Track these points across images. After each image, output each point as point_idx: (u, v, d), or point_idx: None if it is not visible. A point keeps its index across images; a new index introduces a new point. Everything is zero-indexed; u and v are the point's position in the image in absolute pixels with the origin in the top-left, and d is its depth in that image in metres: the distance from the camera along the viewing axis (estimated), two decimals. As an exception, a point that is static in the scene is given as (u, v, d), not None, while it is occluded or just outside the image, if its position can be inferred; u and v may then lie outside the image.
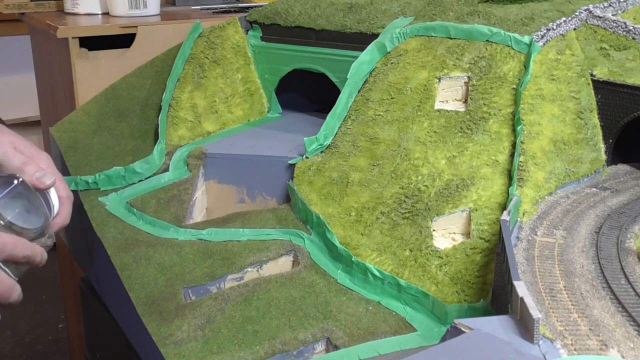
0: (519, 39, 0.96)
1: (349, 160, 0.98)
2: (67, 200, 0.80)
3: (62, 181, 0.80)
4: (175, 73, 1.21)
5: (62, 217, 0.79)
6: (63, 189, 0.80)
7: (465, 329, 0.60)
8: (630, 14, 1.12)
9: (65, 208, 0.79)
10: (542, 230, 0.77)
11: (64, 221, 0.79)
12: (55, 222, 0.78)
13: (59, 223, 0.79)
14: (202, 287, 0.85)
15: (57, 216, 0.78)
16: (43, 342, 2.31)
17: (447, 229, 0.85)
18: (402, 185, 0.90)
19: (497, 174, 0.87)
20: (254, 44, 1.28)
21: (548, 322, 0.60)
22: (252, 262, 0.89)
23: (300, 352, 0.74)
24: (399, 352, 0.73)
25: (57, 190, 0.78)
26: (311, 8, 1.24)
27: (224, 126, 1.22)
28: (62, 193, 0.79)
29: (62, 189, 0.79)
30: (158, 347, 0.75)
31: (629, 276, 0.67)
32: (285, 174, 1.04)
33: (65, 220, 0.79)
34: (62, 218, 0.79)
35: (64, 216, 0.79)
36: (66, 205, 0.79)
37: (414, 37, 1.06)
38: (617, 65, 0.96)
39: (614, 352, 0.57)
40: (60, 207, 0.79)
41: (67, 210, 0.79)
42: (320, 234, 0.91)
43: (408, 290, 0.79)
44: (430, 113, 0.96)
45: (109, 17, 1.52)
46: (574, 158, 0.90)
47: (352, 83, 1.05)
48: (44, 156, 0.80)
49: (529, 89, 0.92)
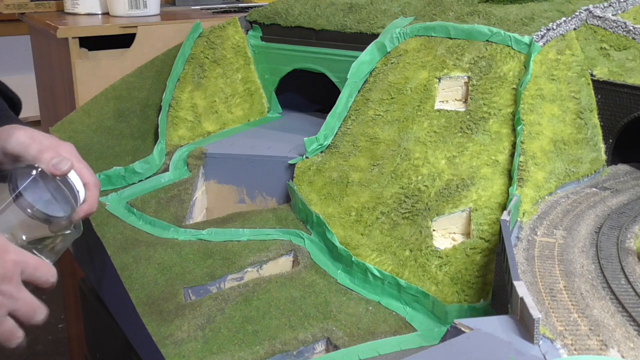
0: (519, 39, 0.96)
1: (349, 160, 0.98)
2: (94, 187, 0.78)
3: (87, 168, 0.78)
4: (175, 73, 1.21)
5: (89, 204, 0.77)
6: (88, 175, 0.78)
7: (465, 329, 0.60)
8: (630, 14, 1.12)
9: (92, 195, 0.78)
10: (542, 230, 0.77)
11: (91, 208, 0.78)
12: (82, 209, 0.77)
13: (85, 210, 0.77)
14: (202, 287, 0.85)
15: (83, 203, 0.77)
16: (43, 342, 2.31)
17: (447, 229, 0.85)
18: (402, 185, 0.90)
19: (497, 174, 0.87)
20: (254, 44, 1.28)
21: (548, 322, 0.60)
22: (252, 262, 0.89)
23: (300, 352, 0.74)
24: (399, 352, 0.73)
25: (82, 177, 0.76)
26: (311, 8, 1.24)
27: (224, 126, 1.22)
28: (87, 179, 0.77)
29: (87, 175, 0.77)
30: (158, 347, 0.75)
31: (629, 276, 0.67)
32: (285, 174, 1.04)
33: (92, 207, 0.78)
34: (88, 205, 0.77)
35: (90, 203, 0.77)
36: (93, 192, 0.78)
37: (414, 37, 1.06)
38: (617, 65, 0.96)
39: (614, 352, 0.57)
40: (87, 193, 0.77)
41: (93, 197, 0.78)
42: (320, 234, 0.91)
43: (408, 290, 0.79)
44: (430, 113, 0.96)
45: (109, 17, 1.52)
46: (574, 158, 0.90)
47: (352, 83, 1.05)
48: (67, 145, 0.78)
49: (529, 89, 0.92)
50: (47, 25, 1.37)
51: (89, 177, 0.78)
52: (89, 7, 1.55)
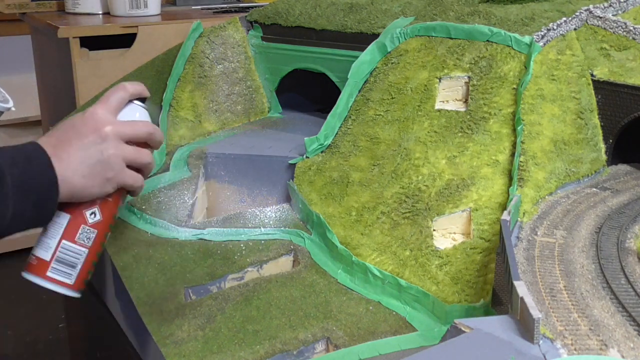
0: (520, 39, 0.96)
1: (349, 160, 0.98)
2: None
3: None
4: (176, 73, 1.21)
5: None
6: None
7: (465, 329, 0.60)
8: (630, 14, 1.12)
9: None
10: (542, 230, 0.77)
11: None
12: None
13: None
14: (202, 287, 0.85)
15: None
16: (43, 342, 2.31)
17: (447, 228, 0.85)
18: (403, 185, 0.90)
19: (497, 174, 0.87)
20: (255, 44, 1.28)
21: (548, 322, 0.60)
22: (252, 262, 0.89)
23: (300, 352, 0.74)
24: (399, 352, 0.73)
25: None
26: (312, 8, 1.24)
27: (225, 126, 1.22)
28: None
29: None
30: (158, 347, 0.75)
31: (629, 276, 0.67)
32: (286, 173, 1.04)
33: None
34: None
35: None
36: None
37: (414, 37, 1.06)
38: (617, 66, 0.96)
39: (614, 352, 0.57)
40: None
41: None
42: (320, 233, 0.91)
43: (408, 290, 0.79)
44: (431, 113, 0.96)
45: (109, 17, 1.52)
46: (574, 158, 0.90)
47: (352, 83, 1.05)
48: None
49: (529, 89, 0.92)
50: (47, 25, 1.37)
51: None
52: (89, 6, 1.55)
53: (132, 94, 0.82)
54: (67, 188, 0.73)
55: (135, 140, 0.80)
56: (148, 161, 0.82)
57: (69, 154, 0.73)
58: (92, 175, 0.75)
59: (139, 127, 0.81)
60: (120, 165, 0.78)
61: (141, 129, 0.81)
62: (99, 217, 0.78)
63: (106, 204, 0.79)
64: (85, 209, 0.78)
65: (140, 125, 0.81)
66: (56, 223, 0.77)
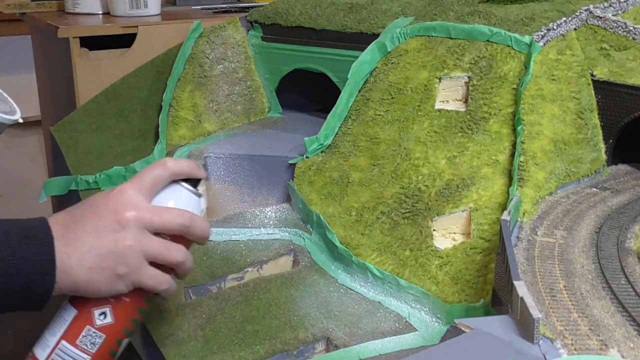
0: (520, 39, 0.96)
1: (349, 160, 0.98)
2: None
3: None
4: (176, 73, 1.21)
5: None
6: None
7: (465, 329, 0.60)
8: (630, 14, 1.12)
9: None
10: (542, 230, 0.77)
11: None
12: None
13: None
14: (202, 287, 0.85)
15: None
16: (43, 342, 2.31)
17: (447, 228, 0.85)
18: (403, 185, 0.90)
19: (497, 174, 0.87)
20: (255, 44, 1.28)
21: (548, 322, 0.60)
22: (252, 262, 0.89)
23: (300, 352, 0.74)
24: (399, 352, 0.73)
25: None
26: (312, 8, 1.24)
27: (225, 126, 1.22)
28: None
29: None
30: (158, 347, 0.75)
31: (629, 276, 0.67)
32: (286, 173, 1.04)
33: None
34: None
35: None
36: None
37: (414, 37, 1.06)
38: (617, 66, 0.96)
39: (614, 352, 0.57)
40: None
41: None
42: (320, 233, 0.91)
43: (408, 290, 0.79)
44: (431, 113, 0.96)
45: (109, 17, 1.52)
46: (574, 158, 0.90)
47: (352, 83, 1.05)
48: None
49: (529, 89, 0.92)
50: (47, 25, 1.37)
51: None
52: (89, 6, 1.55)
53: (173, 173, 0.67)
54: (68, 279, 0.61)
55: (165, 232, 0.65)
56: (179, 260, 0.65)
57: (78, 237, 0.61)
58: (100, 269, 0.61)
59: (172, 216, 0.65)
60: (138, 261, 0.63)
61: (174, 219, 0.64)
62: (109, 320, 0.64)
63: (121, 305, 0.65)
64: (95, 307, 0.64)
65: (174, 214, 0.65)
66: (61, 317, 0.65)
